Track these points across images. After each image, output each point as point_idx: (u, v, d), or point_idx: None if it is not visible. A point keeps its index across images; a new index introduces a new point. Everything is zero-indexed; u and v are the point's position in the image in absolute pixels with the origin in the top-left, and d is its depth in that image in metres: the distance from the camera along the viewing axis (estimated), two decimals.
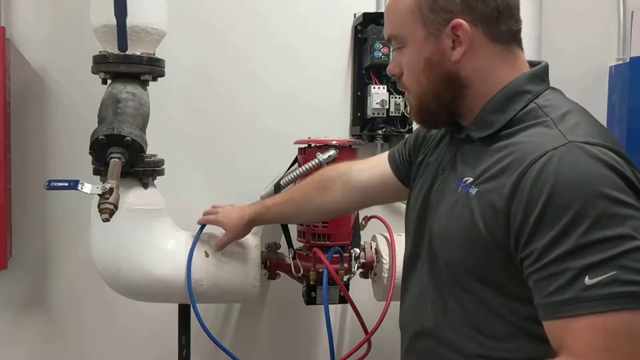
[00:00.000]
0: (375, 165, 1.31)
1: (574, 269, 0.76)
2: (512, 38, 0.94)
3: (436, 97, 0.95)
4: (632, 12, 2.04)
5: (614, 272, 0.75)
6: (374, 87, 1.85)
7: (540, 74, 0.95)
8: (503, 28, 0.92)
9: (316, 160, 1.58)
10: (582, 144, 0.81)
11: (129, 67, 1.44)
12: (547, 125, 0.86)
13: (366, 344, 1.51)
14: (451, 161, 1.00)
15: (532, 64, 0.97)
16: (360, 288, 1.78)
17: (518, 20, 0.95)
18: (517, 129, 0.89)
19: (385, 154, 1.30)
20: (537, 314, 0.81)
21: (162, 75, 1.53)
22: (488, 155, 0.90)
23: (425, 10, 0.92)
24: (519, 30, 0.95)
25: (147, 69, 1.47)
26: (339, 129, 1.92)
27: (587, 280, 0.75)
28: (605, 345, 0.75)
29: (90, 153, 1.39)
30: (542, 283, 0.79)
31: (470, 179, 0.90)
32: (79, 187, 1.23)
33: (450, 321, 0.94)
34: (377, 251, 1.71)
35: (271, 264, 1.66)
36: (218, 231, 1.64)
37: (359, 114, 1.91)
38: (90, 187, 1.23)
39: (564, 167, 0.79)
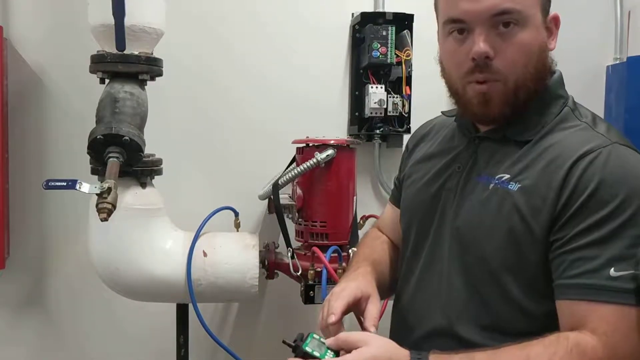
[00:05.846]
0: (389, 216, 1.25)
1: (602, 257, 0.82)
2: None
3: (535, 84, 0.94)
4: (629, 12, 2.04)
5: (634, 271, 0.81)
6: (372, 87, 1.85)
7: (563, 81, 1.00)
8: None
9: (314, 160, 1.59)
10: (625, 147, 0.88)
11: (126, 66, 1.44)
12: (583, 128, 0.92)
13: None
14: (470, 160, 1.00)
15: None
16: None
17: None
18: (553, 129, 0.93)
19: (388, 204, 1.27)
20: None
21: (160, 74, 1.53)
22: (524, 154, 0.93)
23: None
24: None
25: (145, 69, 1.47)
26: (336, 128, 1.93)
27: (613, 272, 0.81)
28: (627, 332, 0.81)
29: (88, 152, 1.39)
30: (570, 264, 0.84)
31: (507, 176, 0.92)
32: (77, 186, 1.23)
33: (470, 318, 0.94)
34: None
35: (269, 264, 1.66)
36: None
37: (356, 113, 1.91)
38: (88, 187, 1.23)
39: (612, 164, 0.85)
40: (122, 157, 1.36)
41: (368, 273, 1.09)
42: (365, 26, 1.84)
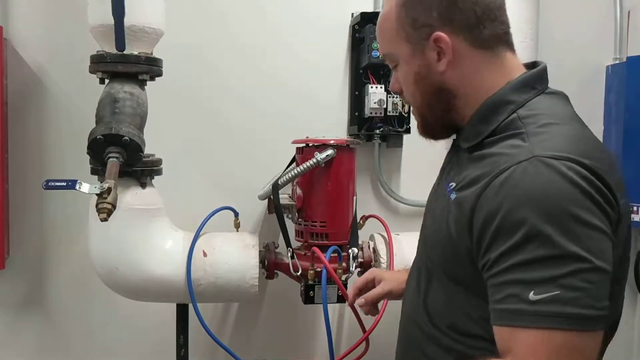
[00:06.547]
0: None
1: (521, 282, 0.79)
2: (498, 41, 0.94)
3: (430, 109, 0.99)
4: (629, 12, 2.04)
5: (557, 292, 0.77)
6: (372, 87, 1.85)
7: (529, 81, 0.93)
8: (486, 33, 0.92)
9: (314, 160, 1.59)
10: (546, 159, 0.81)
11: (126, 66, 1.44)
12: (521, 137, 0.87)
13: (364, 342, 1.52)
14: (447, 167, 1.03)
15: (530, 65, 0.97)
16: None
17: (504, 22, 0.94)
18: (497, 139, 0.90)
19: None
20: None
21: (160, 74, 1.53)
22: (470, 163, 0.92)
23: (407, 28, 0.94)
24: (505, 32, 0.95)
25: (145, 69, 1.47)
26: (336, 128, 1.93)
27: (532, 296, 0.78)
28: (548, 356, 0.78)
29: (88, 153, 1.39)
30: (494, 289, 0.83)
31: (454, 185, 0.93)
32: (77, 186, 1.23)
33: (432, 318, 0.99)
34: (374, 250, 1.72)
35: (269, 264, 1.66)
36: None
37: (356, 113, 1.91)
38: (88, 187, 1.23)
39: (523, 183, 0.81)
40: (122, 157, 1.36)
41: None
42: (365, 26, 1.84)
